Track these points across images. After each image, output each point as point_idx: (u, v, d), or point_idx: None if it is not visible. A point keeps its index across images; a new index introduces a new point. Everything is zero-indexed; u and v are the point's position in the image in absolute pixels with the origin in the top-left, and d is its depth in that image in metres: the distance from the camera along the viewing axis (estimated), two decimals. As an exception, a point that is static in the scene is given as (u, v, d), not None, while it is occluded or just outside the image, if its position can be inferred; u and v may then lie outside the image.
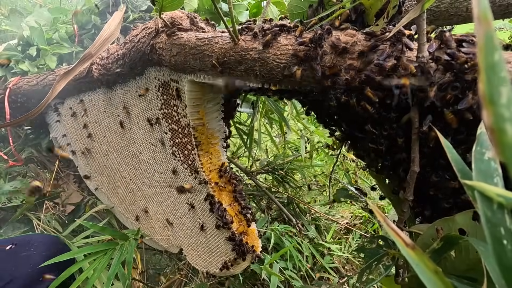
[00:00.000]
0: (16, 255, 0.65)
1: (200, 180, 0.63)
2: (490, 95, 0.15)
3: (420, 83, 0.34)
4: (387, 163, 0.43)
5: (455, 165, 0.25)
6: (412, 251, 0.21)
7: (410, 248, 0.21)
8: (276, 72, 0.41)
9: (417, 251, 0.21)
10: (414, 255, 0.21)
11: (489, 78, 0.16)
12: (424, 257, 0.21)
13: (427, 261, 0.21)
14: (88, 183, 1.03)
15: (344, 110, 0.41)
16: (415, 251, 0.21)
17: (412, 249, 0.21)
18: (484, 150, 0.22)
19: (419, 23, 0.35)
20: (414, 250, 0.21)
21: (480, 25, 0.16)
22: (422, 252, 0.21)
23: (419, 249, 0.21)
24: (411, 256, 0.21)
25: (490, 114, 0.15)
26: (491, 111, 0.15)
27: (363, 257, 0.40)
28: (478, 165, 0.22)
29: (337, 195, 0.57)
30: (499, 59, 0.16)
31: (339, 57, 0.36)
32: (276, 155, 1.39)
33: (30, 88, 0.93)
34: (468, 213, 0.34)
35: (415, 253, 0.21)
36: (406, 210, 0.40)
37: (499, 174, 0.21)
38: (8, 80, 1.01)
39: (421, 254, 0.21)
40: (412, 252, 0.21)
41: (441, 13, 0.54)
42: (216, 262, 0.68)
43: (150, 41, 0.57)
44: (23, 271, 0.61)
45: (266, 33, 0.42)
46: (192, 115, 0.59)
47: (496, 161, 0.21)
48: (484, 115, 0.16)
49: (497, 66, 0.16)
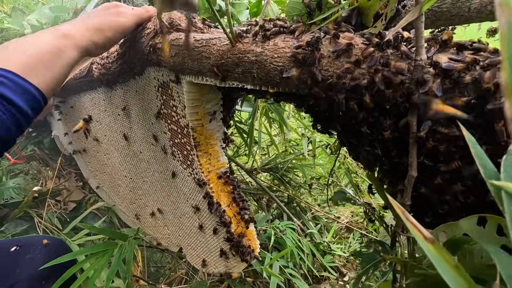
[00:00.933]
0: (20, 257, 0.64)
1: (199, 181, 0.63)
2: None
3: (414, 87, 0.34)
4: (385, 167, 0.43)
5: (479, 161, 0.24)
6: (432, 246, 0.20)
7: (429, 242, 0.20)
8: (273, 75, 0.40)
9: (436, 245, 0.20)
10: (433, 250, 0.20)
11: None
12: (444, 252, 0.20)
13: (447, 256, 0.20)
14: (90, 181, 1.04)
15: (342, 113, 0.41)
16: (435, 246, 0.20)
17: (432, 244, 0.20)
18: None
19: (417, 26, 0.35)
20: (433, 245, 0.20)
21: (503, 12, 0.15)
22: (442, 247, 0.20)
23: (438, 244, 0.20)
24: (430, 251, 0.20)
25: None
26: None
27: (360, 262, 0.40)
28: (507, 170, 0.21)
29: (334, 198, 0.57)
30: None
31: (337, 60, 0.36)
32: (276, 154, 1.39)
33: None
34: (473, 218, 0.33)
35: (435, 247, 0.20)
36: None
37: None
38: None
39: (440, 248, 0.20)
40: (432, 246, 0.20)
41: (442, 13, 0.53)
42: (215, 262, 0.69)
43: (149, 42, 0.57)
44: (27, 274, 0.60)
45: (266, 35, 0.41)
46: (191, 116, 0.58)
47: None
48: (506, 106, 0.15)
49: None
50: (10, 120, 0.41)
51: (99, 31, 0.53)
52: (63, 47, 0.47)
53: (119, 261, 0.63)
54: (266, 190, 1.19)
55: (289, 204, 1.28)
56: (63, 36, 0.48)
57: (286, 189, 1.34)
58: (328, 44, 0.38)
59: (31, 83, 0.43)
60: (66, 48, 0.48)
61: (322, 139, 1.44)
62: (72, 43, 0.49)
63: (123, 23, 0.56)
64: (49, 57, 0.45)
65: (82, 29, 0.51)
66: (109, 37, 0.54)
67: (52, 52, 0.46)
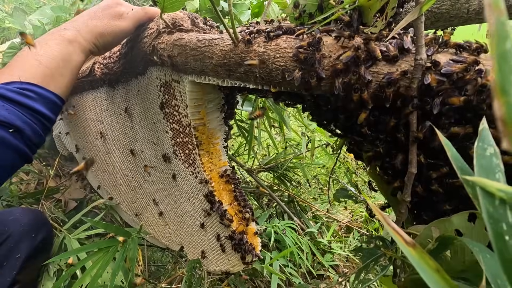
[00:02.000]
0: (3, 219, 0.73)
1: (201, 180, 0.63)
2: (501, 84, 0.15)
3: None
4: (387, 164, 0.43)
5: (455, 162, 0.25)
6: (413, 250, 0.21)
7: (410, 246, 0.21)
8: (275, 75, 0.41)
9: (418, 249, 0.21)
10: (415, 254, 0.21)
11: (501, 67, 0.15)
12: (425, 256, 0.20)
13: (428, 260, 0.20)
14: (91, 181, 1.05)
15: (344, 112, 0.41)
16: (416, 250, 0.21)
17: (413, 248, 0.21)
18: (486, 146, 0.22)
19: (417, 26, 0.36)
20: (414, 249, 0.21)
21: (491, 12, 0.15)
22: (423, 251, 0.21)
23: (419, 248, 0.21)
24: (411, 255, 0.21)
25: (501, 104, 0.15)
26: (503, 101, 0.15)
27: (361, 257, 0.41)
28: (480, 161, 0.21)
29: (337, 195, 0.57)
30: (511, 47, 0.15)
31: (337, 60, 0.37)
32: (277, 154, 1.40)
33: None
34: (464, 214, 0.34)
35: (416, 251, 0.21)
36: (403, 211, 0.41)
37: (501, 170, 0.20)
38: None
39: (422, 252, 0.21)
40: (413, 250, 0.21)
41: (442, 14, 0.53)
42: (216, 260, 0.69)
43: (151, 42, 0.58)
44: (15, 230, 0.71)
45: (268, 36, 0.42)
46: (193, 115, 0.59)
47: (498, 156, 0.21)
48: (495, 106, 0.15)
49: (509, 54, 0.15)
50: (41, 128, 0.49)
51: (101, 35, 0.57)
52: (72, 53, 0.53)
53: (123, 258, 0.63)
54: (266, 188, 1.20)
55: (289, 203, 1.29)
56: (69, 42, 0.53)
57: (286, 188, 1.34)
58: (329, 44, 0.38)
59: (52, 92, 0.50)
60: (74, 53, 0.53)
61: (322, 139, 1.45)
62: (78, 48, 0.54)
63: (123, 28, 0.59)
64: (62, 65, 0.51)
65: (85, 33, 0.55)
66: (110, 41, 0.59)
67: (64, 59, 0.52)
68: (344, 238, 1.30)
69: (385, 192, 0.47)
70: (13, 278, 0.67)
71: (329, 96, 0.41)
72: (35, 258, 0.75)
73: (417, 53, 0.35)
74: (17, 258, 0.70)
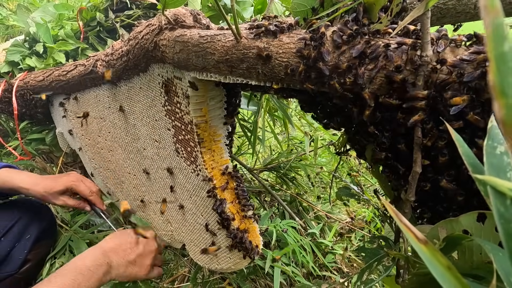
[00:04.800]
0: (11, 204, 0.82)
1: (203, 177, 0.63)
2: (501, 86, 0.15)
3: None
4: (390, 162, 0.43)
5: (466, 159, 0.24)
6: (425, 247, 0.20)
7: (422, 243, 0.20)
8: (278, 71, 0.40)
9: (430, 246, 0.20)
10: (426, 251, 0.20)
11: (499, 68, 0.15)
12: (437, 253, 0.20)
13: (440, 257, 0.20)
14: (93, 178, 1.05)
15: (345, 110, 0.41)
16: (428, 247, 0.20)
17: (425, 245, 0.20)
18: (496, 144, 0.21)
19: (423, 21, 0.35)
20: (426, 246, 0.20)
21: (487, 13, 0.15)
22: (435, 248, 0.20)
23: (431, 245, 0.20)
24: (423, 252, 0.20)
25: (501, 106, 0.15)
26: (502, 103, 0.15)
27: (364, 257, 0.40)
28: (490, 159, 0.21)
29: (339, 193, 0.57)
30: (509, 48, 0.15)
31: (342, 56, 0.36)
32: (279, 153, 1.39)
33: (36, 84, 0.94)
34: (473, 214, 0.33)
35: (428, 248, 0.20)
36: (407, 211, 0.40)
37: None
38: (15, 75, 1.02)
39: (433, 249, 0.20)
40: (425, 247, 0.20)
41: (448, 10, 0.53)
42: (218, 258, 0.69)
43: (153, 38, 0.58)
44: (24, 212, 0.80)
45: (272, 31, 0.42)
46: (195, 112, 0.59)
47: (509, 155, 0.20)
48: (495, 107, 0.15)
49: (507, 56, 0.15)
50: None
51: (123, 277, 0.64)
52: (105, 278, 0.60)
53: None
54: (268, 189, 1.19)
55: (291, 204, 1.28)
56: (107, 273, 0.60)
57: (288, 188, 1.34)
58: (331, 39, 0.38)
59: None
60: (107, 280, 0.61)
61: (325, 138, 1.44)
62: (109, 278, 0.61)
63: (138, 276, 0.65)
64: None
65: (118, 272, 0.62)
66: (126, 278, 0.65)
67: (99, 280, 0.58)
68: (346, 238, 1.29)
69: (388, 191, 0.46)
70: (25, 257, 0.75)
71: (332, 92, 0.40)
72: (42, 240, 0.82)
73: (423, 50, 0.35)
74: (27, 239, 0.77)
